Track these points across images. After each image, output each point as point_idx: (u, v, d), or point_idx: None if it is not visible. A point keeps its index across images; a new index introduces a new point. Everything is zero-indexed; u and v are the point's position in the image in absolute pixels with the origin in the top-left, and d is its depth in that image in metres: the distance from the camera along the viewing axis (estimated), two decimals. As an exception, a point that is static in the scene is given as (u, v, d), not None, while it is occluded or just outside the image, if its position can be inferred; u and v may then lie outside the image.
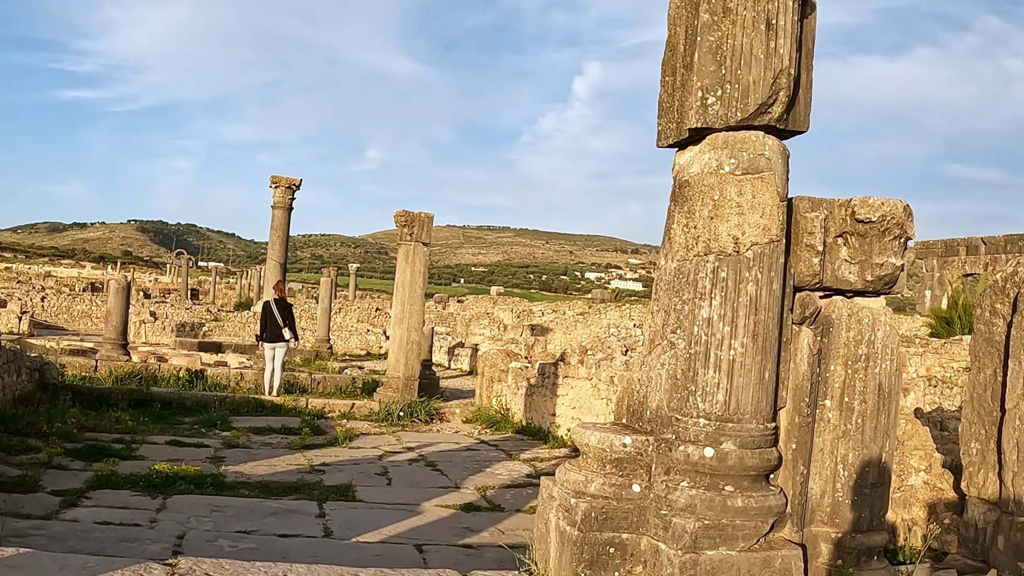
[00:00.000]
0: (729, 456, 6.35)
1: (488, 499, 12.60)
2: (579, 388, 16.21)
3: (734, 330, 6.31)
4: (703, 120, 6.53)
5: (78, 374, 22.56)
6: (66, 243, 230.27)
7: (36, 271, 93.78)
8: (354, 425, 19.13)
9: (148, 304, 50.40)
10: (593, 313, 42.08)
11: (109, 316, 24.98)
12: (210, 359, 31.58)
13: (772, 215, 6.45)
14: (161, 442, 15.29)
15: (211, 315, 46.40)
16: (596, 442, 6.75)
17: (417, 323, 21.34)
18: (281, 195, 25.21)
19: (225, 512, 10.98)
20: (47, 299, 49.36)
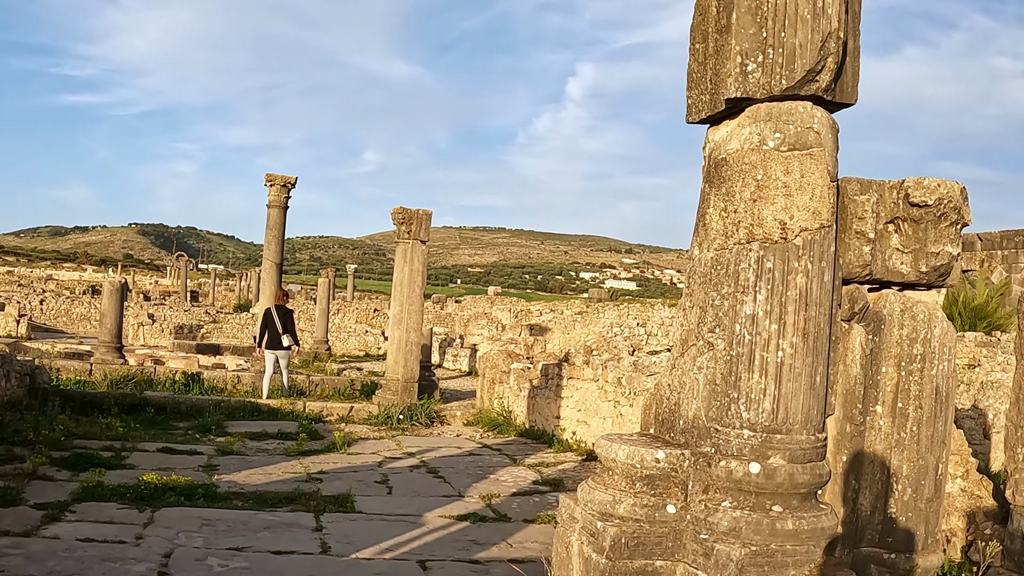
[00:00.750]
0: (778, 472, 5.47)
1: (494, 508, 11.73)
2: (584, 390, 15.35)
3: (782, 328, 5.44)
4: (743, 89, 5.65)
5: (72, 378, 21.69)
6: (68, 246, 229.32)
7: (38, 274, 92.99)
8: (353, 429, 18.24)
9: (147, 306, 49.48)
10: (591, 313, 41.22)
11: (104, 319, 24.06)
12: (208, 361, 30.70)
13: (822, 197, 5.57)
14: (153, 449, 14.40)
15: (210, 317, 45.46)
16: (625, 457, 5.84)
17: (416, 323, 20.47)
18: (276, 193, 24.29)
19: (216, 526, 10.10)
20: (46, 302, 48.44)
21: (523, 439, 17.36)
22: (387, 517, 11.02)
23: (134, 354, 30.26)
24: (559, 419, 16.43)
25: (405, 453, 15.53)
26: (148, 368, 23.20)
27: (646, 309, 40.90)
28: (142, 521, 10.11)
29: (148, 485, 11.16)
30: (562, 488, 12.82)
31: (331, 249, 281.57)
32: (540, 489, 12.76)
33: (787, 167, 5.55)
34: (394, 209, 20.18)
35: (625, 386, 13.84)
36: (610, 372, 14.35)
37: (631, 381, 13.63)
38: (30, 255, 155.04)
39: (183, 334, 38.46)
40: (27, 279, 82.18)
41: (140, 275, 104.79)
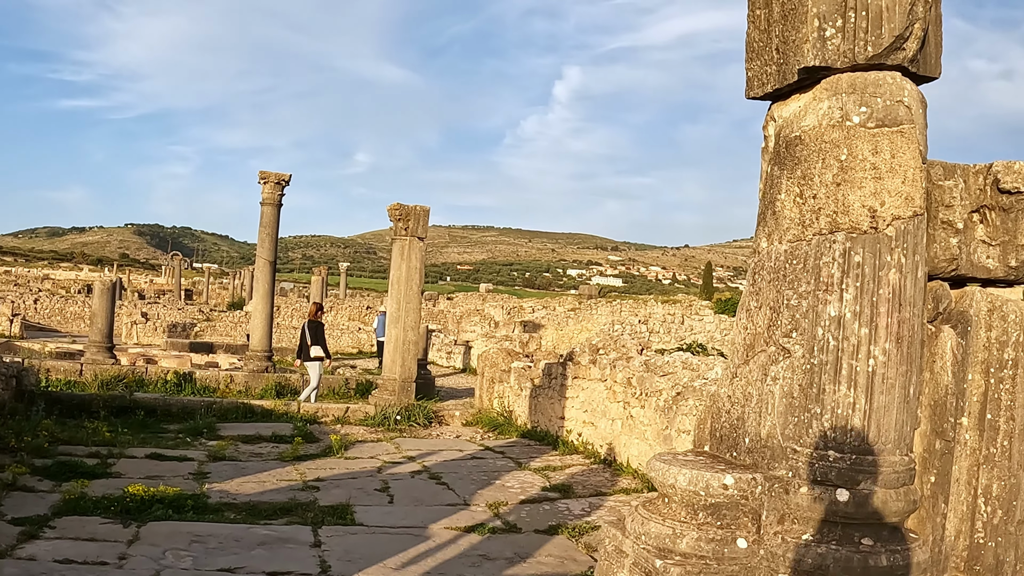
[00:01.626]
0: (870, 499, 4.52)
1: (502, 518, 10.76)
2: (591, 390, 14.40)
3: (873, 332, 4.49)
4: (820, 57, 4.68)
5: (63, 379, 20.69)
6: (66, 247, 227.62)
7: (35, 274, 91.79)
8: (349, 431, 17.26)
9: (141, 305, 48.39)
10: (584, 309, 40.29)
11: (94, 318, 23.04)
12: (201, 360, 29.71)
13: (915, 180, 4.63)
14: (141, 455, 13.38)
15: (203, 315, 44.41)
16: (686, 483, 4.85)
17: (414, 322, 19.50)
18: (270, 191, 23.27)
19: (207, 543, 9.11)
20: (40, 301, 47.32)
21: (526, 440, 16.39)
22: (390, 530, 10.05)
23: (127, 353, 29.24)
24: (564, 420, 15.47)
25: (405, 457, 14.55)
26: (140, 368, 22.19)
27: (639, 305, 40.03)
28: (127, 538, 9.13)
29: (134, 497, 10.16)
30: (572, 495, 11.87)
31: (323, 248, 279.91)
32: (549, 496, 11.81)
33: (875, 146, 4.61)
34: (391, 205, 19.18)
35: (636, 387, 12.89)
36: (619, 372, 13.40)
37: (642, 382, 12.68)
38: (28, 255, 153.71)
39: (176, 332, 37.40)
40: (24, 279, 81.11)
41: (136, 274, 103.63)
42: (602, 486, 12.33)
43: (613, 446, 13.52)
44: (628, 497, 11.68)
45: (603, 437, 13.89)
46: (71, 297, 52.68)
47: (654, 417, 12.31)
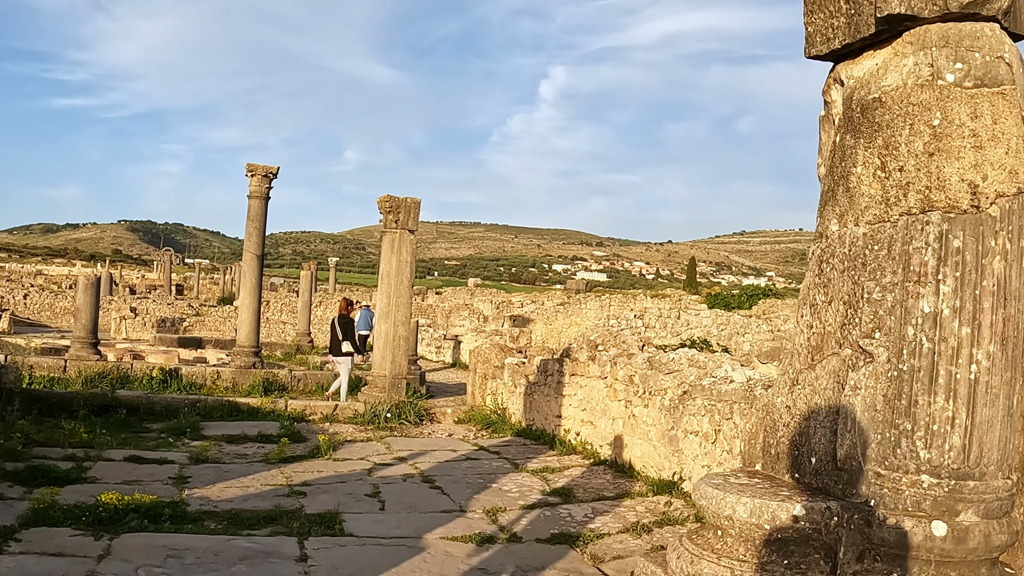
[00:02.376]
0: (971, 534, 3.67)
1: (501, 527, 9.87)
2: (590, 388, 13.51)
3: (976, 332, 3.61)
4: (907, 4, 3.79)
5: (46, 375, 19.72)
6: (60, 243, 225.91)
7: (28, 270, 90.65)
8: (338, 429, 16.34)
9: (131, 300, 47.32)
10: (573, 304, 39.38)
11: (78, 313, 22.02)
12: (189, 355, 28.74)
13: (1019, 152, 3.75)
14: (119, 458, 12.43)
15: (192, 310, 43.37)
16: (746, 513, 3.92)
17: (404, 317, 18.57)
18: (257, 184, 22.32)
19: (183, 558, 8.19)
20: (30, 296, 46.18)
21: (521, 440, 15.50)
22: (382, 541, 9.14)
23: (114, 348, 28.26)
24: (561, 419, 14.58)
25: (396, 458, 13.64)
26: (125, 364, 21.23)
27: (628, 300, 39.16)
28: (97, 552, 8.21)
29: (107, 507, 9.21)
30: (573, 499, 10.98)
31: (313, 244, 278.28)
32: (550, 501, 10.91)
33: (975, 109, 3.74)
34: (381, 197, 18.24)
35: (639, 385, 12.01)
36: (620, 369, 12.50)
37: (646, 380, 11.80)
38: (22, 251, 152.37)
39: (165, 327, 36.38)
40: (17, 274, 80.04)
41: (128, 270, 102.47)
42: (604, 489, 11.44)
43: (614, 447, 12.64)
44: (632, 502, 10.81)
45: (603, 437, 13.01)
46: (61, 292, 51.51)
47: (659, 417, 11.44)
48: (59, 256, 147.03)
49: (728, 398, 9.96)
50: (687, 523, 9.80)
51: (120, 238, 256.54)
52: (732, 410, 9.85)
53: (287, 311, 42.73)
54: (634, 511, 10.41)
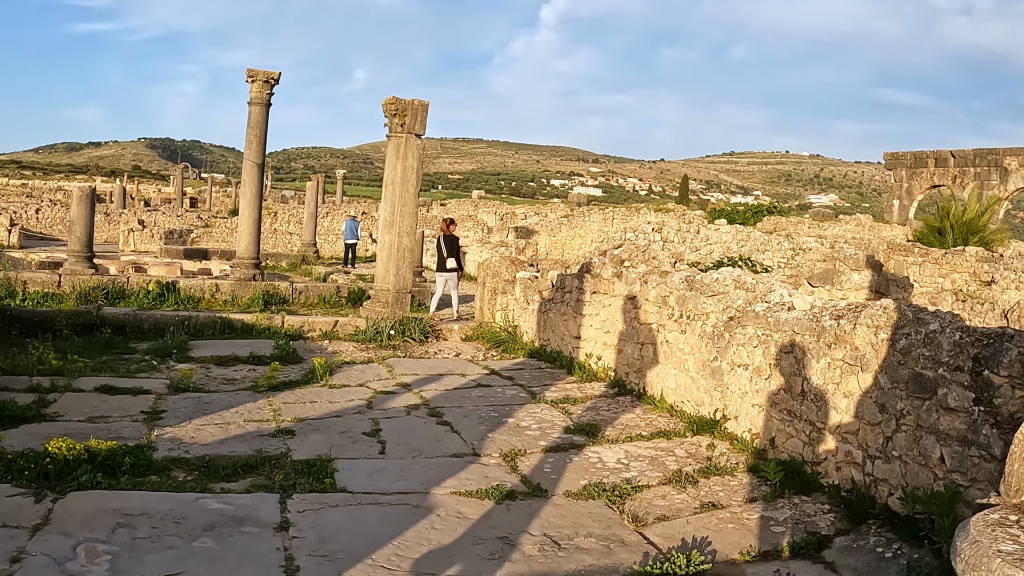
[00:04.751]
0: None
1: (523, 476, 7.86)
2: (615, 308, 11.41)
3: None
4: None
5: (40, 291, 17.66)
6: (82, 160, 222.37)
7: (50, 186, 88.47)
8: (337, 348, 14.33)
9: (141, 212, 45.18)
10: (576, 217, 37.24)
11: (73, 227, 19.95)
12: (193, 267, 26.73)
13: None
14: (90, 388, 10.38)
15: (202, 222, 41.24)
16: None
17: (409, 227, 16.42)
18: (258, 90, 20.04)
19: (137, 529, 6.20)
20: (42, 211, 43.99)
21: (535, 362, 13.44)
22: (381, 499, 7.15)
23: (118, 261, 26.22)
24: (580, 340, 12.50)
25: (399, 385, 11.61)
26: (121, 279, 19.13)
27: (631, 214, 37.01)
28: (34, 520, 6.23)
29: (56, 458, 7.18)
30: (601, 438, 8.95)
31: (323, 159, 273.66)
32: (575, 441, 8.88)
33: None
34: (385, 100, 15.93)
35: (674, 307, 9.91)
36: (652, 288, 10.40)
37: (683, 302, 9.71)
38: (46, 169, 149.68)
39: (173, 239, 34.29)
40: (39, 190, 78.09)
41: (146, 184, 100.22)
42: (636, 427, 9.41)
43: (644, 375, 10.59)
44: (670, 443, 8.79)
45: (630, 364, 10.96)
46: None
47: (698, 345, 9.36)
48: (81, 173, 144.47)
49: (788, 328, 7.87)
50: (736, 472, 7.82)
51: (140, 155, 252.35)
52: (795, 344, 7.78)
53: (294, 222, 40.61)
54: (673, 455, 8.40)
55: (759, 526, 6.69)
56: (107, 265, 24.45)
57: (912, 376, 6.40)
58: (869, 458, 6.81)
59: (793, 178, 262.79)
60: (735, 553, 6.29)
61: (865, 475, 6.83)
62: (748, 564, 6.14)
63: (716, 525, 6.75)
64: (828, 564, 6.09)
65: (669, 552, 6.15)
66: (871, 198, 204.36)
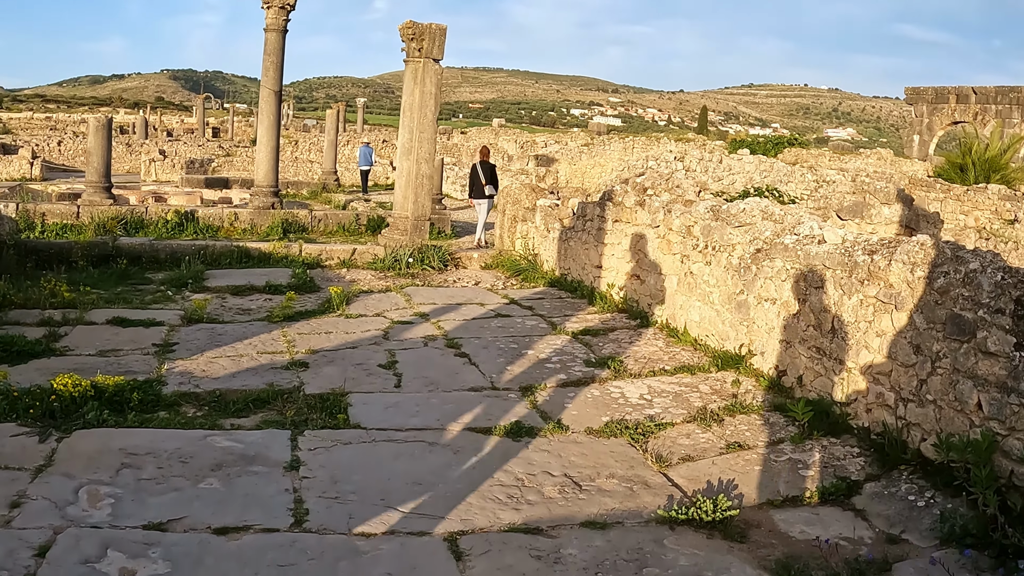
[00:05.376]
0: None
1: (543, 412, 7.49)
2: (638, 237, 10.84)
3: None
4: None
5: (58, 223, 17.30)
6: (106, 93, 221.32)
7: (74, 119, 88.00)
8: (355, 277, 13.94)
9: (163, 142, 44.70)
10: (596, 145, 36.50)
11: (90, 157, 19.45)
12: (213, 196, 26.30)
13: None
14: (102, 320, 10.03)
15: (223, 151, 40.75)
16: None
17: (428, 153, 15.92)
18: (274, 16, 19.43)
19: (142, 468, 5.88)
20: (64, 143, 43.48)
21: (555, 291, 13.02)
22: (395, 435, 6.79)
23: (138, 191, 25.86)
24: (601, 269, 12.05)
25: (417, 314, 11.23)
26: (140, 209, 18.77)
27: (651, 143, 36.21)
28: (36, 462, 5.93)
29: (62, 395, 6.84)
30: (624, 372, 8.55)
31: (345, 88, 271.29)
32: (597, 375, 8.48)
33: None
34: (403, 24, 15.31)
35: (699, 238, 9.44)
36: (676, 218, 9.92)
37: (709, 232, 9.23)
38: (70, 102, 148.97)
39: (194, 169, 33.87)
40: (63, 123, 77.62)
41: (169, 115, 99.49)
42: (659, 360, 9.00)
43: (666, 307, 10.17)
44: (694, 379, 8.39)
45: (652, 295, 10.52)
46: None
47: (724, 277, 8.91)
48: (104, 105, 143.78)
49: (819, 262, 7.40)
50: (763, 411, 7.42)
51: (163, 86, 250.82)
52: (824, 278, 7.31)
53: (315, 150, 40.08)
54: (697, 391, 8.01)
55: (787, 469, 6.32)
56: (127, 195, 24.08)
57: (950, 317, 5.95)
58: (902, 401, 6.38)
59: (811, 111, 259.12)
60: (762, 497, 5.92)
61: (897, 418, 6.41)
62: (776, 510, 5.77)
63: (742, 467, 6.37)
64: (859, 512, 5.73)
65: (694, 495, 5.79)
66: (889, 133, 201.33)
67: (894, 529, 5.47)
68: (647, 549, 5.18)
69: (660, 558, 5.08)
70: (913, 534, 5.39)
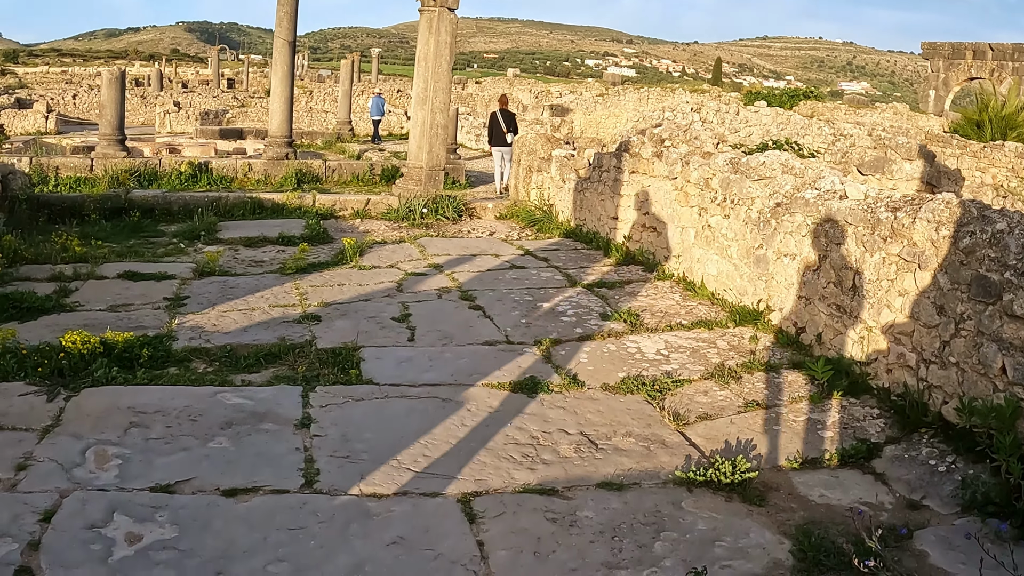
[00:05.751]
0: None
1: (557, 365, 7.30)
2: (655, 189, 10.67)
3: None
4: None
5: (72, 176, 17.07)
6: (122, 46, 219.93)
7: (90, 72, 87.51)
8: (369, 227, 13.75)
9: (178, 94, 44.35)
10: (611, 96, 35.97)
11: (103, 110, 19.20)
12: (228, 147, 26.07)
13: None
14: (113, 275, 9.85)
15: (238, 102, 40.42)
16: None
17: (443, 103, 15.60)
18: (287, -34, 18.99)
19: (151, 428, 5.73)
20: (79, 96, 43.18)
21: (570, 242, 12.77)
22: (408, 391, 6.62)
23: (152, 143, 25.62)
24: (617, 221, 11.78)
25: (431, 265, 11.01)
26: (153, 161, 18.55)
27: (666, 94, 35.58)
28: (44, 422, 5.79)
29: (71, 353, 6.67)
30: (641, 327, 8.33)
31: (359, 39, 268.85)
32: (614, 329, 8.26)
33: None
34: (415, -28, 14.99)
35: (717, 191, 9.18)
36: (694, 170, 9.64)
37: (727, 185, 8.97)
38: (85, 56, 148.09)
39: (208, 120, 33.57)
40: (79, 76, 77.23)
41: (184, 67, 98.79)
42: (676, 315, 8.77)
43: (683, 260, 9.92)
44: (711, 334, 8.17)
45: (669, 248, 10.27)
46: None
47: (743, 231, 8.65)
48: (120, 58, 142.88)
49: (840, 218, 7.14)
50: (781, 369, 7.21)
51: (178, 38, 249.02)
52: (846, 235, 7.06)
53: (330, 100, 39.71)
54: (715, 347, 7.80)
55: (805, 429, 6.12)
56: (141, 147, 23.87)
57: (975, 278, 5.70)
58: (923, 362, 6.15)
59: (825, 64, 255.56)
60: (781, 459, 5.73)
61: (919, 380, 6.18)
62: (795, 472, 5.58)
63: (761, 427, 6.17)
64: (879, 476, 5.54)
65: (712, 456, 5.61)
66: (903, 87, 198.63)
67: (915, 495, 5.28)
68: (664, 512, 5.01)
69: (678, 521, 4.91)
70: (934, 500, 5.21)
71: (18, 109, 35.33)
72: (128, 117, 22.10)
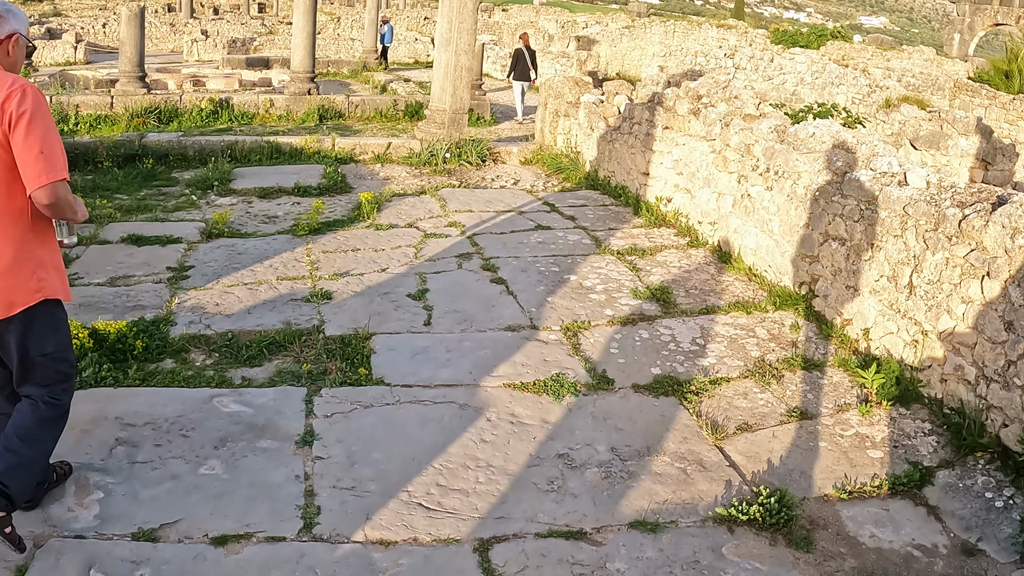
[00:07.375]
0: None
1: (585, 357, 6.53)
2: (690, 149, 9.78)
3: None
4: None
5: (92, 114, 16.34)
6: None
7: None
8: (389, 174, 12.96)
9: (206, 21, 43.13)
10: (637, 27, 34.56)
11: (123, 46, 18.31)
12: (253, 76, 25.21)
13: None
14: (117, 239, 9.08)
15: (266, 28, 39.27)
16: None
17: (468, 44, 14.59)
18: None
19: (139, 447, 5.03)
20: (108, 24, 41.97)
21: (597, 195, 11.86)
22: (422, 394, 5.86)
23: (178, 75, 24.74)
24: (648, 177, 10.89)
25: (451, 225, 10.19)
26: (174, 97, 17.76)
27: (692, 28, 34.16)
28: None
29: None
30: (674, 309, 7.54)
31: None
32: (646, 312, 7.46)
33: None
34: (438, -96, 13.91)
35: (760, 159, 8.27)
36: (734, 134, 8.72)
37: (771, 155, 8.05)
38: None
39: (236, 48, 32.60)
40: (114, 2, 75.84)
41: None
42: (711, 292, 7.98)
43: (719, 229, 9.07)
44: (749, 319, 7.38)
45: (704, 213, 9.41)
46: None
47: (787, 206, 7.78)
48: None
49: (899, 207, 6.26)
50: (825, 367, 6.43)
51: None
52: (905, 227, 6.20)
53: (357, 27, 38.49)
54: (754, 336, 7.01)
55: (853, 446, 5.38)
56: (166, 79, 23.03)
57: (1054, 299, 4.90)
58: (984, 379, 5.34)
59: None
60: (828, 486, 5.00)
61: (977, 396, 5.38)
62: (843, 503, 4.86)
63: (805, 442, 5.43)
64: (931, 509, 4.81)
65: (754, 481, 4.92)
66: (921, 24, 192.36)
67: (971, 535, 4.58)
68: (704, 561, 4.30)
69: (718, 574, 4.21)
70: (991, 543, 4.50)
71: (48, 40, 34.37)
72: (157, 46, 21.31)
